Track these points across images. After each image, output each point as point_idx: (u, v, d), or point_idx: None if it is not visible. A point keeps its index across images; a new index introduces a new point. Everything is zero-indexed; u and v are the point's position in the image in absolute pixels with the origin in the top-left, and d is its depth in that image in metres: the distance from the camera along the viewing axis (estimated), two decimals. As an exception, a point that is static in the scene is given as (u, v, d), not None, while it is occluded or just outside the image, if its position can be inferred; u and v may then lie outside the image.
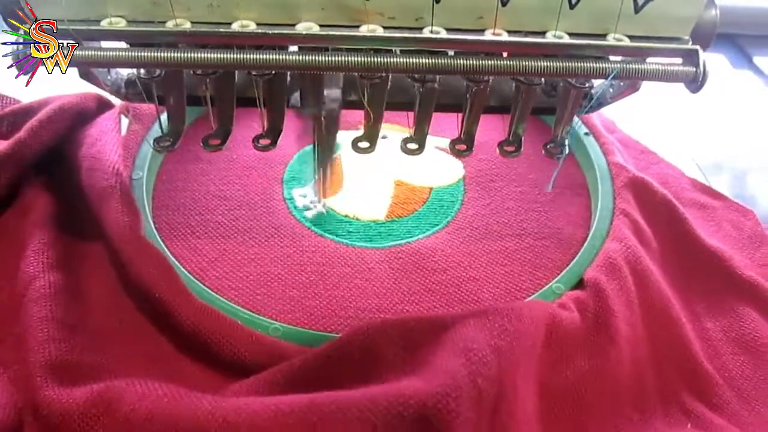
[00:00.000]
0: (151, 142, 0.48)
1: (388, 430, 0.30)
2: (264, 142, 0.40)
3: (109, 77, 0.40)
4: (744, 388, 0.40)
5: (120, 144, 0.46)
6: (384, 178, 0.51)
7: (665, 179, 0.53)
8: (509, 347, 0.34)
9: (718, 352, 0.42)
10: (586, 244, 0.45)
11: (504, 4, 0.33)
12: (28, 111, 0.47)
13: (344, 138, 0.46)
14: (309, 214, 0.47)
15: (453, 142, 0.41)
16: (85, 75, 0.38)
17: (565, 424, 0.37)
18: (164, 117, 0.41)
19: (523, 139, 0.42)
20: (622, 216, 0.46)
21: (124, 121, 0.49)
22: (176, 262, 0.42)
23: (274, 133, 0.41)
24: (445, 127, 0.47)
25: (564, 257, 0.45)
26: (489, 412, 0.32)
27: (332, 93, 0.39)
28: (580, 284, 0.42)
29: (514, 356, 0.34)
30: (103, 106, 0.50)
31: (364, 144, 0.40)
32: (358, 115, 0.41)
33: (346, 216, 0.47)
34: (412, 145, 0.40)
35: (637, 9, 0.34)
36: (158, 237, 0.44)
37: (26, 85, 0.32)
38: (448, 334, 0.34)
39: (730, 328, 0.43)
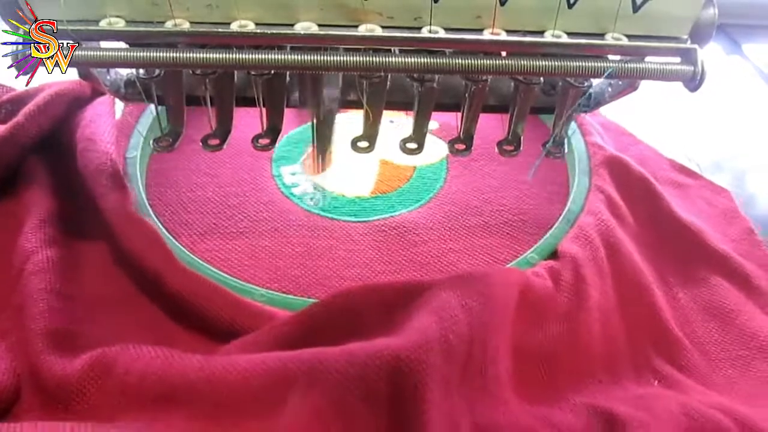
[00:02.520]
0: (143, 132, 0.49)
1: (365, 381, 0.31)
2: (263, 141, 0.41)
3: (108, 77, 0.40)
4: (712, 351, 0.42)
5: (114, 126, 0.48)
6: (369, 157, 0.52)
7: (643, 159, 0.55)
8: (480, 308, 0.35)
9: (688, 319, 0.44)
10: (561, 218, 0.47)
11: (502, 4, 0.33)
12: (25, 98, 0.48)
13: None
14: (297, 191, 0.49)
15: (452, 142, 0.42)
16: (85, 75, 0.38)
17: (537, 384, 0.38)
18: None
19: (522, 138, 0.42)
20: (597, 192, 0.48)
21: (118, 104, 0.51)
22: (168, 235, 0.44)
23: (273, 132, 0.41)
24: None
25: (540, 231, 0.47)
26: (460, 366, 0.34)
27: (331, 93, 0.39)
28: (554, 255, 0.44)
29: (485, 316, 0.35)
30: (98, 91, 0.52)
31: (363, 144, 0.41)
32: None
33: (332, 193, 0.49)
34: (411, 145, 0.41)
35: (636, 8, 0.34)
36: (151, 212, 0.45)
37: (26, 85, 0.33)
38: (423, 297, 0.36)
39: (700, 297, 0.45)
